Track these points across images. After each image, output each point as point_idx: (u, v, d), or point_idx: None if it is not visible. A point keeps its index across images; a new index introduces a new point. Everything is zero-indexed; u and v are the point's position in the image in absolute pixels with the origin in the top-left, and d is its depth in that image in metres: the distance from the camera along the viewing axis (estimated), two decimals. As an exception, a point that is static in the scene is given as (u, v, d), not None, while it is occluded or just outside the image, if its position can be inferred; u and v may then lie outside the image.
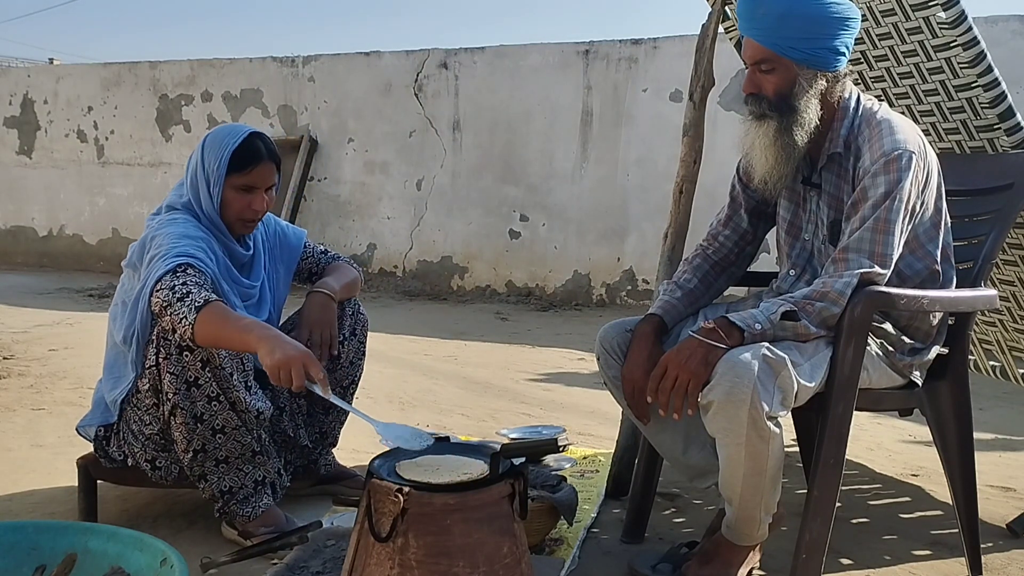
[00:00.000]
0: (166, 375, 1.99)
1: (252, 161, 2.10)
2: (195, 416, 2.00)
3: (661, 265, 2.52)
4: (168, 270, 1.92)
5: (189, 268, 1.94)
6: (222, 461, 2.06)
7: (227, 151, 2.09)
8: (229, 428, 2.03)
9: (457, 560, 1.49)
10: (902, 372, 1.95)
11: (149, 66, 8.29)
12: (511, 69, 6.93)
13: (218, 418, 2.02)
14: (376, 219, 7.46)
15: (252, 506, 2.11)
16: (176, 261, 1.94)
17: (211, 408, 2.01)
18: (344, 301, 2.36)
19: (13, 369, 4.02)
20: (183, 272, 1.93)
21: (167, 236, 2.02)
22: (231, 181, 2.10)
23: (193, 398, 1.99)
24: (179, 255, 1.96)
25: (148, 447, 2.11)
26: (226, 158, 2.09)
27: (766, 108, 1.89)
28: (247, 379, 2.07)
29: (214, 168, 2.10)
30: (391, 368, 4.24)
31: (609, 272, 6.70)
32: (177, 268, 1.93)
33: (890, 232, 1.80)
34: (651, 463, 2.20)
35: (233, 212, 2.13)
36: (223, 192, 2.11)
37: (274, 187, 2.18)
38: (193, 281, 1.91)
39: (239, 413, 2.04)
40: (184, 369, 1.98)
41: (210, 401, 2.00)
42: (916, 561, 2.15)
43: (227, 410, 2.02)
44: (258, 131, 2.16)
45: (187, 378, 1.98)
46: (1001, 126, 2.21)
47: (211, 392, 2.00)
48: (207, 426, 2.02)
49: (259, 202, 2.14)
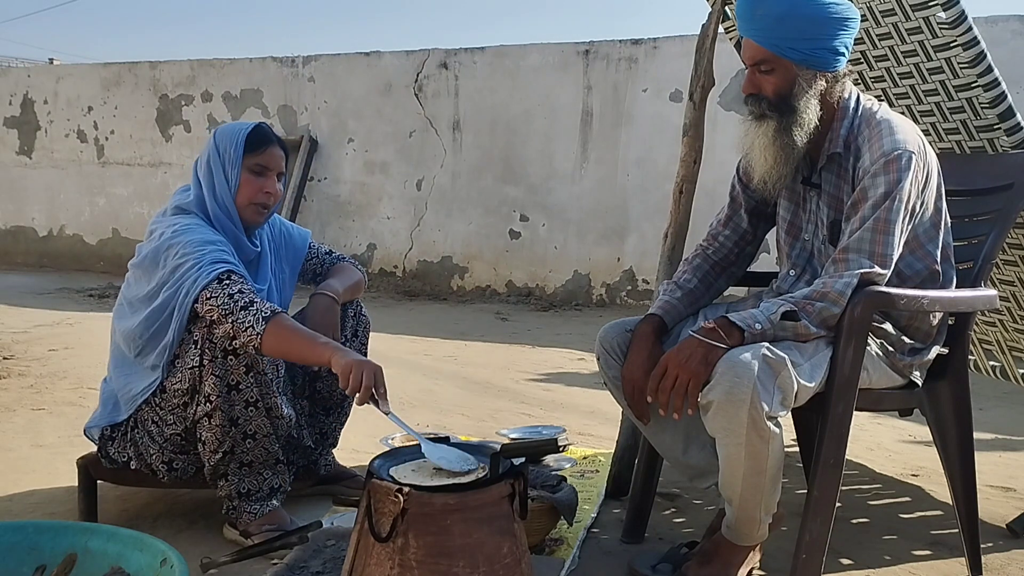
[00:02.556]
0: (210, 377, 2.01)
1: (266, 141, 2.18)
2: (231, 419, 2.03)
3: (661, 265, 2.52)
4: (213, 278, 1.97)
5: (233, 274, 1.99)
6: (246, 464, 2.09)
7: (243, 134, 2.17)
8: (260, 435, 2.07)
9: (457, 560, 1.49)
10: (902, 372, 1.95)
11: (149, 66, 8.29)
12: (511, 69, 6.94)
13: (252, 423, 2.05)
14: (376, 219, 7.46)
15: (261, 506, 2.12)
16: (217, 268, 1.98)
17: (247, 413, 2.04)
18: (346, 303, 2.37)
19: (13, 369, 4.02)
20: (229, 280, 1.98)
21: (188, 244, 2.04)
22: (247, 162, 2.15)
23: (232, 401, 2.02)
24: (216, 261, 2.00)
25: (167, 448, 2.12)
26: (242, 139, 2.16)
27: (766, 108, 1.89)
28: (280, 385, 2.11)
29: (231, 151, 2.16)
30: (391, 368, 4.20)
31: (609, 272, 6.70)
32: (222, 275, 1.98)
33: (890, 232, 1.80)
34: (651, 463, 2.20)
35: (247, 195, 2.16)
36: (240, 175, 2.15)
37: (283, 177, 2.24)
38: (248, 289, 1.98)
39: (272, 420, 2.07)
40: (228, 373, 2.01)
41: (247, 406, 2.04)
42: (916, 561, 2.15)
43: (262, 416, 2.06)
44: (267, 125, 2.27)
45: (229, 381, 2.01)
46: (1001, 126, 2.21)
47: (250, 397, 2.03)
48: (240, 430, 2.05)
49: (272, 184, 2.18)
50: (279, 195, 2.22)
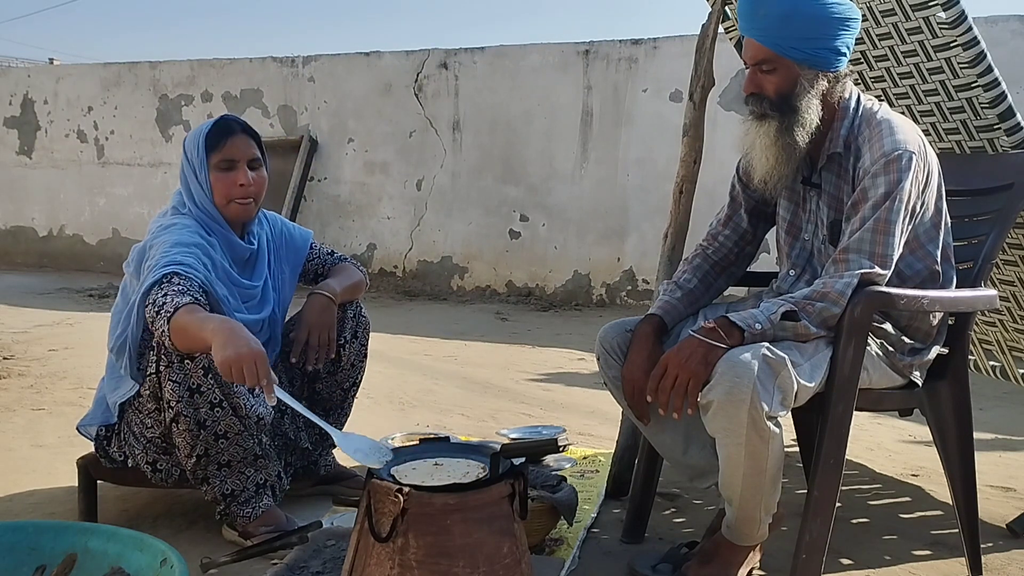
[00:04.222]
0: (167, 383, 1.99)
1: (224, 135, 2.14)
2: (198, 422, 2.01)
3: (661, 265, 2.52)
4: (154, 282, 1.93)
5: (175, 277, 1.94)
6: (224, 465, 2.07)
7: (201, 135, 2.15)
8: (232, 433, 2.04)
9: (457, 560, 1.49)
10: (902, 372, 1.95)
11: (149, 66, 8.28)
12: (511, 69, 6.93)
13: (221, 424, 2.02)
14: (376, 219, 7.46)
15: (252, 507, 2.11)
16: (162, 271, 1.94)
17: (214, 414, 2.01)
18: (346, 303, 2.36)
19: (13, 369, 4.02)
20: (168, 282, 1.93)
21: (161, 245, 2.03)
22: (212, 161, 2.13)
23: (196, 405, 2.00)
24: (166, 264, 1.96)
25: (149, 449, 2.12)
26: (202, 140, 2.14)
27: (767, 108, 1.89)
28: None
29: (195, 155, 2.14)
30: (391, 368, 4.24)
31: (609, 272, 6.70)
32: (163, 279, 1.93)
33: (890, 232, 1.80)
34: (651, 463, 2.20)
35: (222, 193, 2.14)
36: (209, 177, 2.13)
37: (260, 164, 2.19)
38: (174, 290, 1.90)
39: (241, 418, 2.04)
40: (186, 377, 1.98)
41: (212, 407, 2.01)
42: (916, 561, 2.15)
43: (229, 416, 2.02)
44: (231, 115, 2.23)
45: (189, 385, 1.99)
46: (1001, 126, 2.21)
47: (213, 399, 2.00)
48: (210, 432, 2.02)
49: (243, 176, 2.14)
50: (257, 183, 2.17)
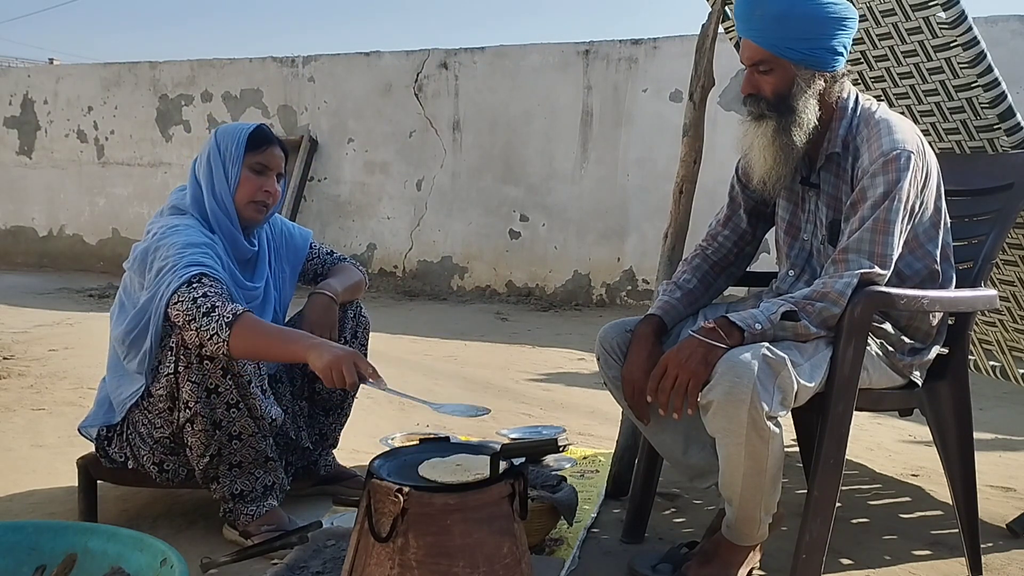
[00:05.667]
0: (186, 384, 2.00)
1: (267, 141, 2.19)
2: (214, 423, 2.02)
3: (661, 265, 2.52)
4: (183, 282, 1.94)
5: (204, 278, 1.96)
6: (235, 466, 2.08)
7: (245, 132, 2.18)
8: (246, 435, 2.06)
9: (457, 560, 1.49)
10: (902, 372, 1.95)
11: (149, 66, 8.29)
12: (511, 69, 6.94)
13: (236, 424, 2.04)
14: (376, 219, 7.46)
15: (257, 507, 2.12)
16: (189, 272, 1.95)
17: (230, 415, 2.03)
18: (346, 303, 2.36)
19: (13, 369, 4.02)
20: (199, 283, 1.94)
21: (172, 246, 2.02)
22: (248, 160, 2.16)
23: (213, 405, 2.01)
24: (190, 264, 1.97)
25: (157, 450, 2.12)
26: (244, 138, 2.17)
27: (765, 108, 1.89)
28: (263, 385, 2.10)
29: (232, 148, 2.16)
30: (391, 368, 4.21)
31: (609, 272, 6.70)
32: (192, 279, 1.94)
33: (890, 232, 1.80)
34: (651, 463, 2.20)
35: (247, 193, 2.16)
36: (240, 174, 2.15)
37: (283, 178, 2.25)
38: (214, 292, 1.93)
39: (256, 420, 2.06)
40: (205, 377, 1.99)
41: (229, 408, 2.02)
42: (916, 561, 2.15)
43: (245, 417, 2.04)
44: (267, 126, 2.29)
45: (207, 386, 2.00)
46: (1001, 126, 2.21)
47: (231, 399, 2.02)
48: (224, 432, 2.04)
49: (271, 184, 2.19)
50: (278, 195, 2.22)
